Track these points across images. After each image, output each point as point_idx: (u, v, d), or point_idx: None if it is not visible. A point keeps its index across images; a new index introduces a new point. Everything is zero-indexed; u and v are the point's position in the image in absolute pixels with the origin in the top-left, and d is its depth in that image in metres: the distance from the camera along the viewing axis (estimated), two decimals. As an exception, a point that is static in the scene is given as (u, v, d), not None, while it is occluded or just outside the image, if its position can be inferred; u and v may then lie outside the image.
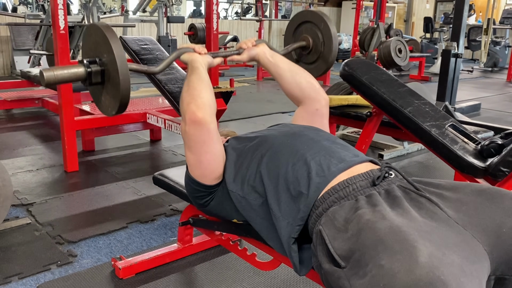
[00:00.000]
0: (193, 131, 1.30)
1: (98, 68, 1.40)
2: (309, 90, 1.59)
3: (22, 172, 3.15)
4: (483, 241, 0.98)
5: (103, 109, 1.50)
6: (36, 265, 2.00)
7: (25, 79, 5.05)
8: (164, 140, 4.05)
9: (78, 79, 1.41)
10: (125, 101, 1.38)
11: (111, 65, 1.36)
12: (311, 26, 1.89)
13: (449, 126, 2.18)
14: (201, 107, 1.30)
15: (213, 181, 1.37)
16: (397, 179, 1.16)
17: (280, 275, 1.93)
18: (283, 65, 1.61)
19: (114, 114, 1.44)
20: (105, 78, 1.41)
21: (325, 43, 1.84)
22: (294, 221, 1.18)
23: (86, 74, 1.39)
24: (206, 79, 1.41)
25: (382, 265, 0.86)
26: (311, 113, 1.59)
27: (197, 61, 1.46)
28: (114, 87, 1.38)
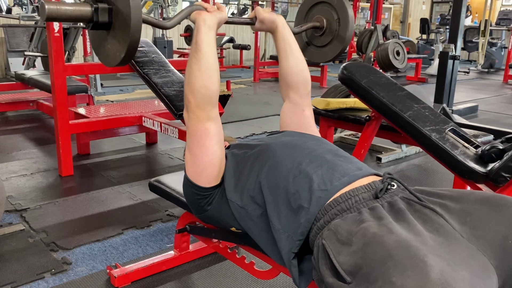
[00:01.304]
0: (191, 124, 1.32)
1: (106, 6, 1.27)
2: (303, 87, 1.60)
3: (16, 177, 3.10)
4: (489, 255, 0.95)
5: (107, 58, 1.36)
6: (30, 274, 1.96)
7: (20, 81, 4.99)
8: (160, 143, 4.01)
9: (83, 18, 1.28)
10: (134, 49, 1.26)
11: (122, 6, 1.24)
12: (325, 6, 1.82)
13: (449, 131, 2.16)
14: (201, 105, 1.29)
15: (209, 183, 1.34)
16: (400, 190, 1.13)
17: (279, 283, 1.90)
18: (294, 47, 1.59)
19: (120, 61, 1.30)
20: (112, 18, 1.28)
21: (341, 22, 1.78)
22: (294, 235, 1.15)
23: (93, 12, 1.27)
24: (208, 57, 1.31)
25: (393, 281, 0.83)
26: (298, 115, 1.60)
27: (204, 21, 1.34)
28: (122, 32, 1.26)
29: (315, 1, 1.86)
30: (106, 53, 1.36)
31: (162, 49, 6.79)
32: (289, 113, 1.62)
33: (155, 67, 3.13)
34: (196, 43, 1.32)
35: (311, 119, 1.62)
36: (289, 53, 1.58)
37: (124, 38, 1.26)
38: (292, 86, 1.59)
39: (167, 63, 3.24)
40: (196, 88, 1.29)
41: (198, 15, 1.36)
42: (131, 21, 1.21)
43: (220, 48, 9.19)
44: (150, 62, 3.16)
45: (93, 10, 1.27)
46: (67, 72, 3.05)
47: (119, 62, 1.31)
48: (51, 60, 2.94)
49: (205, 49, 1.31)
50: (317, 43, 1.93)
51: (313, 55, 1.96)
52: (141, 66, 3.11)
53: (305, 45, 1.98)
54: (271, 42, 11.47)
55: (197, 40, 1.32)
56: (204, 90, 1.30)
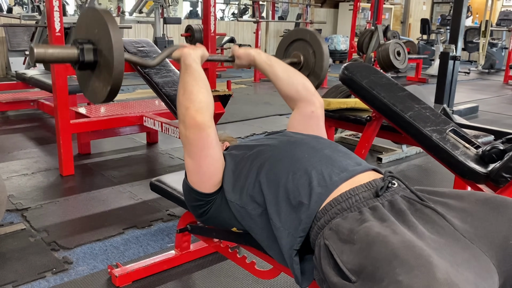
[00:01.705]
0: (193, 135, 1.28)
1: (91, 47, 1.34)
2: (305, 92, 1.59)
3: (17, 176, 3.11)
4: (490, 255, 0.96)
5: (92, 95, 1.43)
6: (31, 273, 1.96)
7: (20, 81, 5.00)
8: (161, 143, 4.01)
9: (69, 59, 1.35)
10: (117, 87, 1.32)
11: (105, 45, 1.30)
12: (303, 44, 1.91)
13: (449, 131, 2.16)
14: (200, 111, 1.29)
15: (211, 189, 1.34)
16: (400, 188, 1.13)
17: (280, 282, 1.91)
18: (280, 66, 1.62)
19: (104, 99, 1.37)
20: (97, 58, 1.35)
21: (316, 59, 1.86)
22: (295, 232, 1.15)
23: (78, 53, 1.33)
24: (201, 77, 1.38)
25: (400, 281, 0.83)
26: (307, 116, 1.58)
27: (189, 56, 1.42)
28: (106, 72, 1.32)
29: (292, 39, 1.96)
30: (92, 90, 1.43)
31: (163, 49, 6.80)
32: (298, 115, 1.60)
33: (156, 67, 3.13)
34: (185, 65, 1.40)
35: (321, 120, 1.60)
36: (277, 73, 1.60)
37: (107, 77, 1.32)
38: (295, 98, 1.59)
39: (168, 63, 3.24)
40: (194, 93, 1.31)
41: (181, 52, 1.44)
42: (113, 63, 1.27)
43: (220, 48, 9.19)
44: (151, 62, 3.16)
45: (78, 52, 1.33)
46: (68, 71, 3.05)
47: (103, 100, 1.37)
48: (52, 59, 2.94)
49: (196, 67, 1.39)
50: None
51: None
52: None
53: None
54: (271, 42, 11.49)
55: (186, 63, 1.40)
56: (201, 96, 1.31)
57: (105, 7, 9.87)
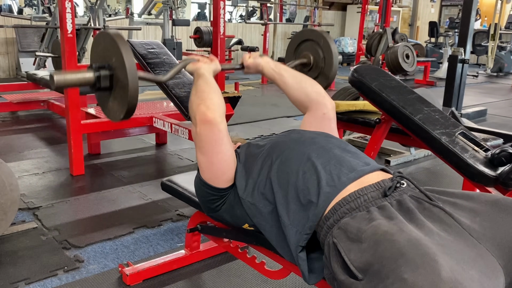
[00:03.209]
0: (204, 131, 1.31)
1: (107, 73, 1.41)
2: (315, 95, 1.60)
3: (28, 175, 3.15)
4: (497, 255, 0.97)
5: (109, 114, 1.50)
6: (43, 271, 1.99)
7: (31, 81, 5.04)
8: (170, 144, 4.04)
9: (87, 84, 1.42)
10: (132, 107, 1.38)
11: (120, 71, 1.37)
12: (312, 44, 1.92)
13: (459, 134, 2.16)
14: (211, 108, 1.33)
15: (225, 184, 1.37)
16: (409, 188, 1.14)
17: (289, 283, 1.92)
18: (288, 73, 1.64)
19: (121, 119, 1.44)
20: (113, 83, 1.42)
21: (326, 60, 1.87)
22: (302, 230, 1.17)
23: (95, 78, 1.41)
24: (213, 83, 1.44)
25: (405, 279, 0.85)
26: (319, 118, 1.59)
27: (203, 68, 1.49)
28: (122, 93, 1.38)
29: (303, 38, 1.96)
30: (109, 110, 1.50)
31: (171, 50, 6.82)
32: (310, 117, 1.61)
33: (166, 69, 3.16)
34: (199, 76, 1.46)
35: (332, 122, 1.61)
36: (286, 81, 1.63)
37: (123, 100, 1.39)
38: (306, 102, 1.61)
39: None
40: (206, 92, 1.37)
41: (194, 66, 1.50)
42: (128, 89, 1.34)
43: (228, 50, 9.23)
44: (161, 64, 3.19)
45: (95, 77, 1.40)
46: (79, 72, 3.09)
47: (122, 118, 1.43)
48: (64, 60, 2.98)
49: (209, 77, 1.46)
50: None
51: None
52: (153, 67, 3.15)
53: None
54: (279, 44, 11.51)
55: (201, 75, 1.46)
56: (213, 95, 1.37)
57: (113, 8, 9.94)
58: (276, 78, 1.64)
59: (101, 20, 5.91)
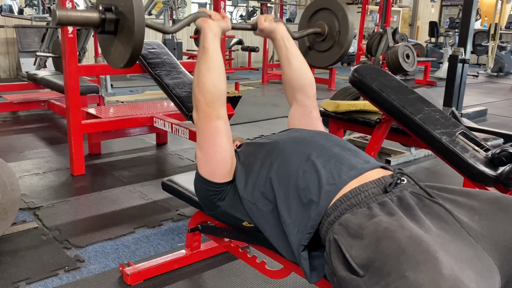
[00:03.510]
0: (202, 124, 1.35)
1: (113, 17, 1.33)
2: (308, 88, 1.63)
3: (29, 175, 3.15)
4: (493, 255, 0.97)
5: (111, 60, 1.45)
6: (44, 270, 1.99)
7: (31, 81, 5.05)
8: (170, 143, 4.04)
9: (90, 24, 1.35)
10: (137, 54, 1.33)
11: (127, 13, 1.29)
12: (328, 13, 1.86)
13: (459, 134, 2.17)
14: (211, 104, 1.34)
15: (221, 179, 1.37)
16: (410, 185, 1.15)
17: (290, 283, 1.92)
18: (295, 52, 1.64)
19: (122, 66, 1.38)
20: (118, 27, 1.35)
21: (341, 29, 1.82)
22: (304, 229, 1.18)
23: (100, 20, 1.33)
24: (216, 63, 1.38)
25: (407, 276, 0.85)
26: (306, 116, 1.63)
27: (211, 29, 1.41)
28: (127, 37, 1.32)
29: (318, 7, 1.91)
30: (110, 56, 1.44)
31: (172, 50, 6.82)
32: (297, 115, 1.64)
33: (167, 69, 3.17)
34: (204, 47, 1.40)
35: (318, 120, 1.65)
36: (291, 58, 1.62)
37: (128, 46, 1.32)
38: (298, 89, 1.62)
39: (179, 65, 3.28)
40: (206, 86, 1.35)
41: (204, 22, 1.43)
42: (134, 32, 1.28)
43: (228, 50, 9.23)
44: (162, 64, 3.19)
45: (100, 18, 1.33)
46: (80, 72, 3.09)
47: (123, 66, 1.38)
48: (64, 60, 2.98)
49: (213, 52, 1.39)
50: (318, 48, 1.98)
51: (314, 59, 2.01)
52: (153, 67, 3.15)
53: (307, 49, 2.03)
54: (279, 44, 11.48)
55: (204, 45, 1.40)
56: (213, 88, 1.35)
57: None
58: (283, 51, 1.63)
59: (102, 20, 5.91)
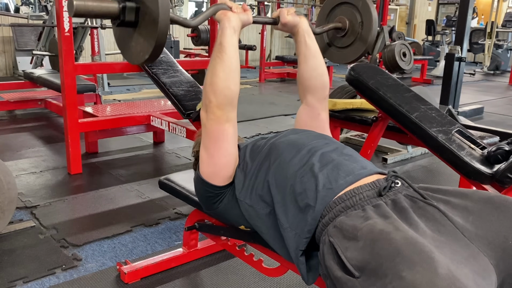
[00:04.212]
0: (210, 126, 1.32)
1: (134, 5, 1.27)
2: (320, 90, 1.60)
3: (26, 174, 3.14)
4: (489, 254, 0.98)
5: (132, 55, 1.36)
6: (41, 269, 1.99)
7: (28, 80, 5.03)
8: (168, 142, 4.04)
9: (109, 15, 1.28)
10: (161, 46, 1.25)
11: (150, 3, 1.23)
12: (348, 7, 1.79)
13: (455, 132, 2.18)
14: (222, 106, 1.30)
15: (222, 182, 1.37)
16: (404, 187, 1.15)
17: (286, 280, 1.93)
18: (314, 51, 1.58)
19: (145, 60, 1.31)
20: (139, 17, 1.28)
21: (364, 23, 1.75)
22: (302, 233, 1.18)
23: (120, 9, 1.27)
24: (232, 62, 1.32)
25: (403, 276, 0.86)
26: (314, 118, 1.60)
27: (229, 22, 1.34)
28: (149, 28, 1.25)
29: (338, 2, 1.83)
30: (131, 50, 1.36)
31: (169, 49, 6.82)
32: (305, 115, 1.62)
33: (164, 67, 3.17)
34: (221, 44, 1.32)
35: (326, 123, 1.62)
36: (308, 56, 1.57)
37: (151, 37, 1.25)
38: (310, 90, 1.59)
39: (175, 63, 3.27)
40: (220, 88, 1.30)
41: (223, 16, 1.35)
42: (159, 21, 1.21)
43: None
44: (159, 62, 3.19)
45: (120, 8, 1.27)
46: (77, 71, 3.09)
47: (144, 61, 1.31)
48: (61, 59, 2.97)
49: (230, 50, 1.32)
50: (339, 44, 1.91)
51: (334, 56, 1.95)
52: (150, 66, 3.15)
53: (326, 46, 1.97)
54: (276, 42, 11.50)
55: (222, 42, 1.32)
56: (227, 91, 1.30)
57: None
58: (302, 48, 1.56)
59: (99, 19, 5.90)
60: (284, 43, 11.97)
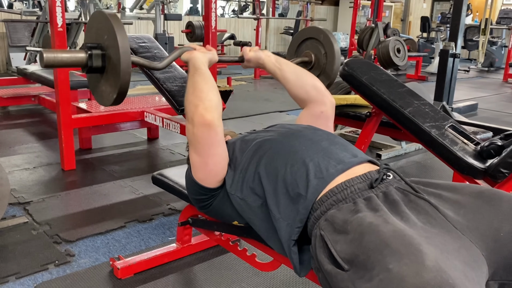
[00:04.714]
0: (201, 133, 1.29)
1: (99, 52, 1.37)
2: (315, 92, 1.59)
3: (19, 170, 3.13)
4: (480, 246, 0.98)
5: (99, 98, 1.47)
6: (34, 265, 1.98)
7: (22, 76, 5.01)
8: (162, 138, 4.03)
9: (78, 64, 1.37)
10: (124, 91, 1.35)
11: (113, 51, 1.32)
12: (313, 42, 1.91)
13: (448, 127, 2.18)
14: (210, 110, 1.29)
15: (216, 184, 1.36)
16: (395, 180, 1.15)
17: (279, 275, 1.93)
18: (289, 68, 1.62)
19: (110, 104, 1.40)
20: (105, 66, 1.38)
21: (328, 54, 1.86)
22: (293, 223, 1.18)
23: (87, 59, 1.36)
24: (211, 78, 1.39)
25: (390, 269, 0.86)
26: (316, 116, 1.58)
27: (198, 59, 1.44)
28: (114, 76, 1.35)
29: (304, 37, 1.95)
30: (100, 94, 1.46)
31: (163, 45, 6.79)
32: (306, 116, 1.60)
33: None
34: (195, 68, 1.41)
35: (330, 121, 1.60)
36: (286, 75, 1.61)
37: (115, 81, 1.35)
38: (306, 98, 1.60)
39: (169, 59, 3.26)
40: (204, 92, 1.32)
41: (190, 54, 1.45)
42: (121, 64, 1.30)
43: (221, 44, 9.21)
44: (153, 58, 3.17)
45: (87, 56, 1.37)
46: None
47: (113, 101, 1.40)
48: (54, 54, 2.95)
49: (206, 70, 1.41)
50: None
51: None
52: (144, 61, 3.13)
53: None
54: (272, 39, 11.50)
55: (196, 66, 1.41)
56: (212, 96, 1.32)
57: (105, 3, 9.87)
58: (277, 73, 1.62)
59: (92, 14, 5.87)
60: (279, 39, 11.96)
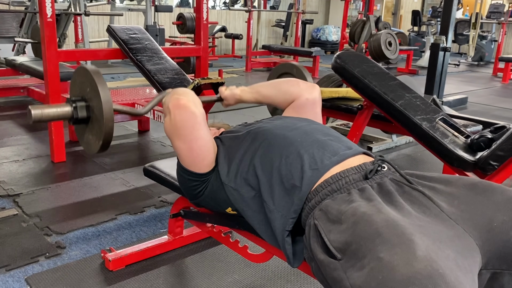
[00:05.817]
0: (179, 116, 1.29)
1: (84, 104, 1.51)
2: (297, 91, 1.61)
3: (8, 162, 3.10)
4: (474, 235, 0.99)
5: (86, 146, 1.60)
6: (24, 257, 1.97)
7: (10, 67, 4.94)
8: (153, 131, 4.02)
9: (64, 117, 1.51)
10: (108, 138, 1.47)
11: (96, 103, 1.45)
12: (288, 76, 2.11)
13: (439, 120, 2.20)
14: (183, 95, 1.34)
15: (206, 168, 1.36)
16: (390, 172, 1.16)
17: (271, 266, 1.94)
18: (264, 88, 1.66)
19: (97, 151, 1.52)
20: (90, 116, 1.52)
21: None
22: (288, 214, 1.18)
23: (72, 112, 1.50)
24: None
25: (381, 257, 0.86)
26: (301, 105, 1.60)
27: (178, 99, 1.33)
28: (98, 125, 1.47)
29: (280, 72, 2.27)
30: (87, 142, 1.57)
31: (154, 36, 6.73)
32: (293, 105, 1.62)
33: (148, 54, 3.13)
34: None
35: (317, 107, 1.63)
36: (270, 97, 1.65)
37: (99, 129, 1.47)
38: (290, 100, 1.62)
39: (160, 50, 3.24)
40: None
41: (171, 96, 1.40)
42: (103, 115, 1.42)
43: (212, 37, 9.16)
44: (144, 49, 3.15)
45: (72, 108, 1.50)
46: (59, 58, 3.04)
47: (99, 147, 1.51)
48: (43, 45, 2.92)
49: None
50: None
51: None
52: (134, 53, 3.11)
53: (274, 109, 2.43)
54: (263, 31, 11.45)
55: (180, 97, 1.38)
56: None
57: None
58: (258, 98, 1.65)
59: (82, 5, 5.82)
60: (270, 32, 11.93)
